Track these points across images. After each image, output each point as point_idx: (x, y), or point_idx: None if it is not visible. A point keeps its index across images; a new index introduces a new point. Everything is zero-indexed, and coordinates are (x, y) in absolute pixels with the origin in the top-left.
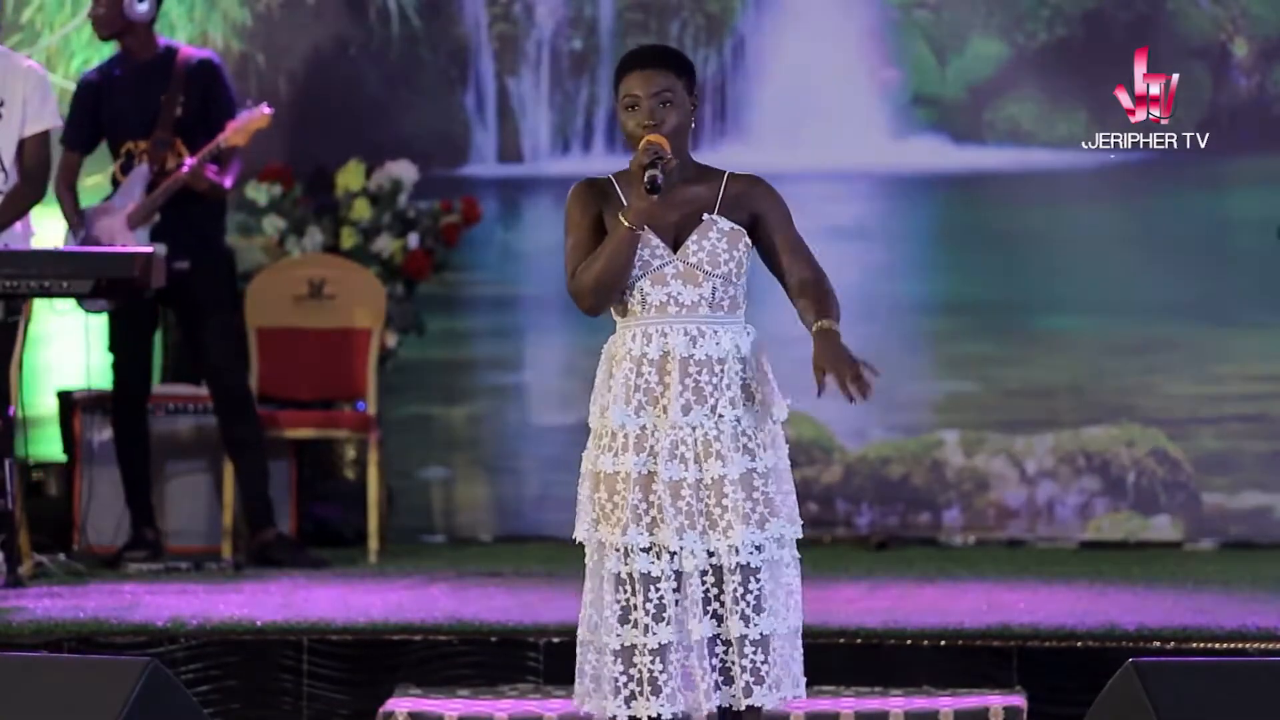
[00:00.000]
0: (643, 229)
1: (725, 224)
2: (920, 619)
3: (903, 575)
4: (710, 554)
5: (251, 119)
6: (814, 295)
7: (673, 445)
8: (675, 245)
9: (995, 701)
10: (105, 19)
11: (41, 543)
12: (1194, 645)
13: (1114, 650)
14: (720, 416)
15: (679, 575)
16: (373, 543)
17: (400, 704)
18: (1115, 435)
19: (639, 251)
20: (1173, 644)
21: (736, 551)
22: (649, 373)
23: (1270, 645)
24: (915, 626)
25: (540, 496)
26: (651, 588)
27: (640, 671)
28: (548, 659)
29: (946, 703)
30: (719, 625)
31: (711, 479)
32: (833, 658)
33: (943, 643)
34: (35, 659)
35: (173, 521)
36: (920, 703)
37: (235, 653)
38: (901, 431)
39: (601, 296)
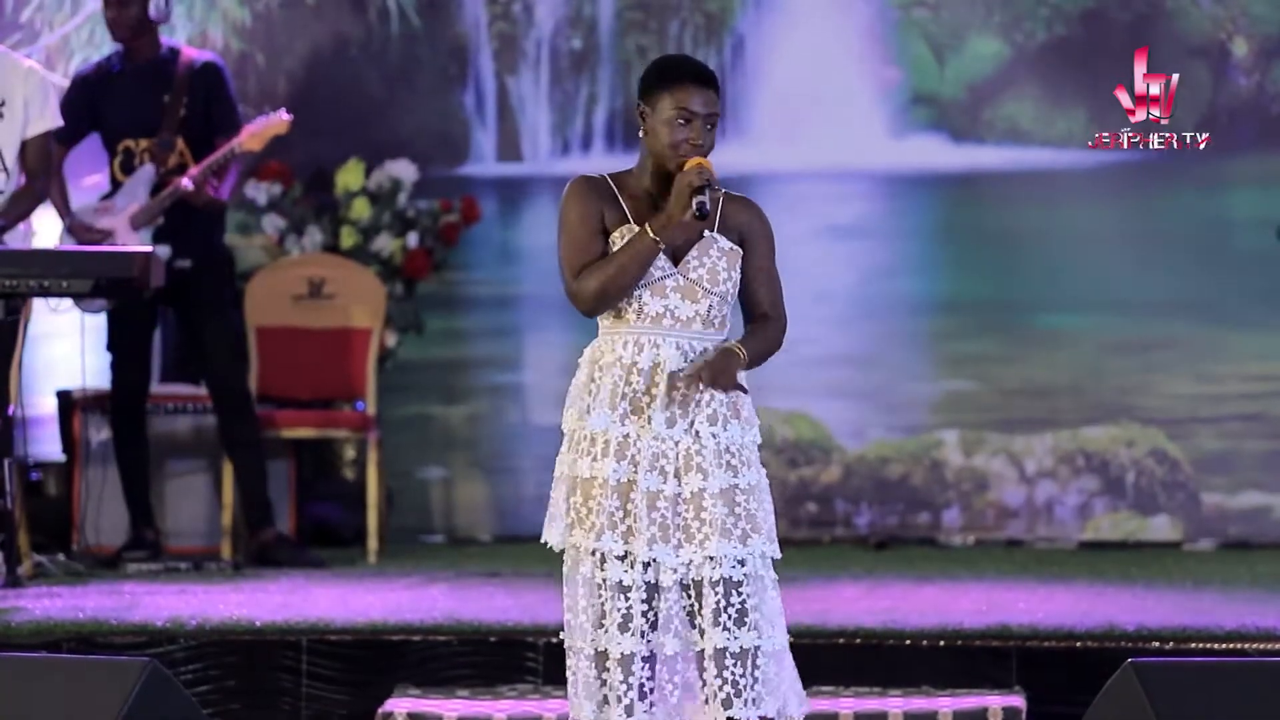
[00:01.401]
0: (667, 245)
1: (725, 243)
2: (920, 619)
3: (902, 575)
4: (687, 566)
5: (270, 125)
6: (756, 327)
7: (654, 456)
8: (675, 259)
9: (995, 702)
10: (126, 22)
11: (41, 543)
12: (1193, 645)
13: (1113, 650)
14: (698, 434)
15: (651, 587)
16: (372, 543)
17: (399, 704)
18: (1114, 435)
19: None
20: (1172, 644)
21: (717, 564)
22: (637, 381)
23: (1270, 645)
24: (915, 627)
25: (539, 496)
26: (622, 596)
27: (605, 678)
28: (547, 659)
29: (946, 703)
30: (700, 639)
31: (690, 493)
32: (832, 658)
33: (942, 643)
34: (35, 659)
35: (172, 521)
36: (920, 703)
37: (234, 653)
38: (901, 431)
39: (606, 301)
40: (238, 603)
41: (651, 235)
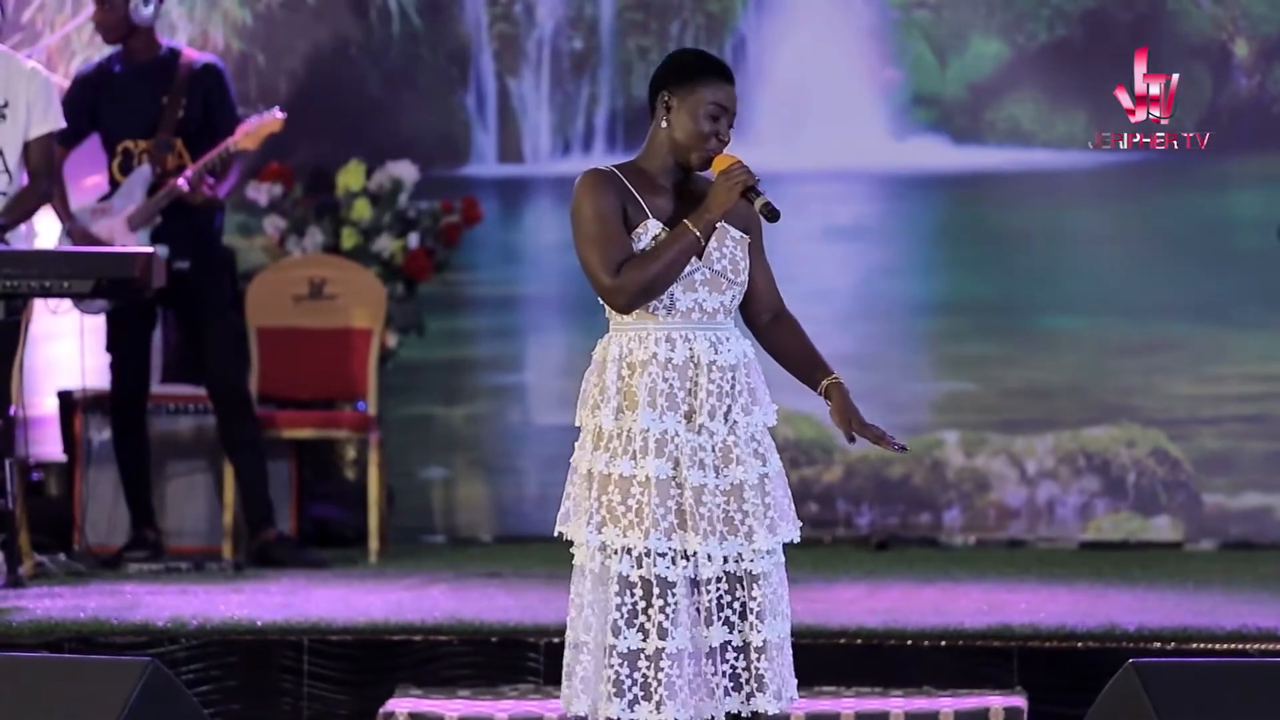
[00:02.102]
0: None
1: (735, 232)
2: (920, 619)
3: (903, 576)
4: (725, 559)
5: (264, 123)
6: (803, 339)
7: (693, 450)
8: (699, 251)
9: (996, 702)
10: (111, 24)
11: (41, 543)
12: (1194, 645)
13: (1114, 650)
14: (734, 423)
15: (692, 583)
16: (373, 543)
17: (400, 704)
18: (1115, 435)
19: None
20: (1173, 644)
21: (758, 557)
22: (672, 378)
23: (1270, 645)
24: (915, 627)
25: (540, 496)
26: (669, 593)
27: (647, 675)
28: (548, 659)
29: (947, 703)
30: (730, 632)
31: (731, 484)
32: (833, 658)
33: (943, 643)
34: (35, 659)
35: (173, 521)
36: (921, 703)
37: (235, 653)
38: (901, 431)
39: (647, 298)
40: (239, 603)
41: (695, 233)
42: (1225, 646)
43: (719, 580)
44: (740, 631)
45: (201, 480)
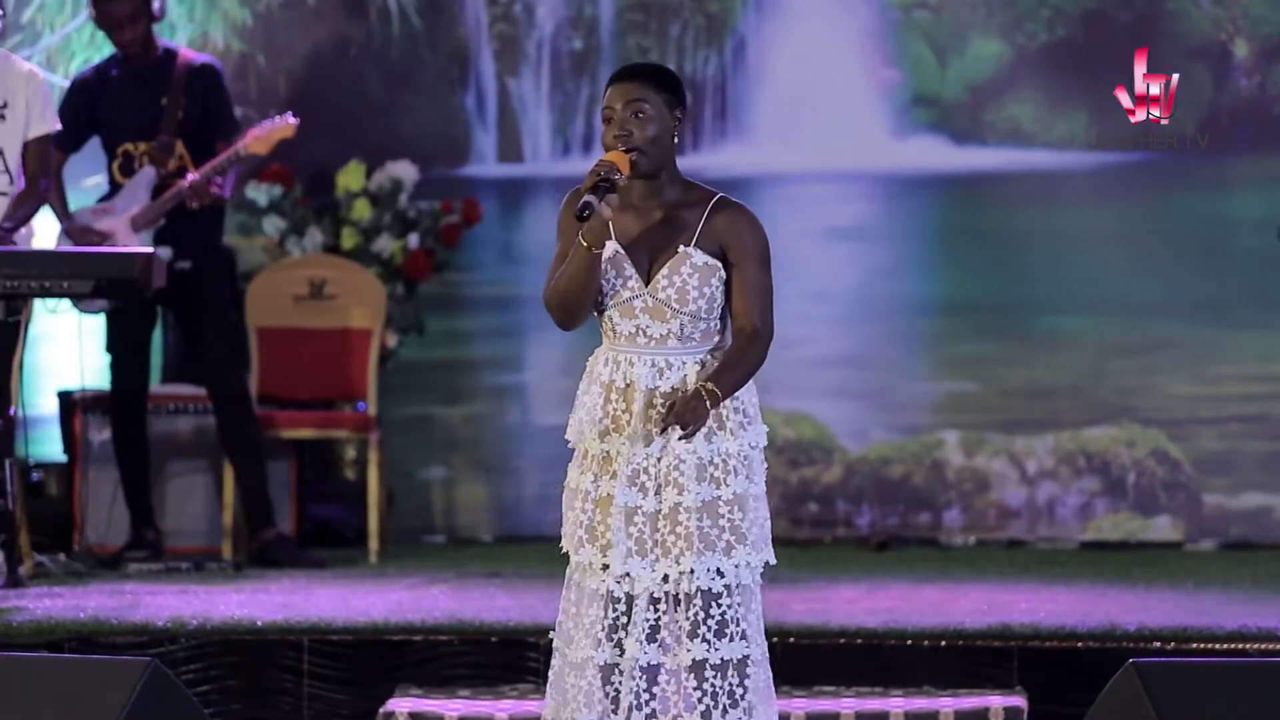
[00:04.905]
0: (601, 249)
1: (700, 258)
2: (921, 619)
3: (903, 576)
4: (666, 579)
5: (276, 128)
6: (730, 353)
7: (634, 473)
8: (647, 278)
9: (996, 702)
10: (136, 42)
11: (41, 543)
12: (1194, 645)
13: (1114, 650)
14: (676, 449)
15: (630, 599)
16: (373, 543)
17: (401, 704)
18: (1115, 435)
19: (612, 280)
20: (1173, 644)
21: (694, 578)
22: (615, 400)
23: (1270, 645)
24: (915, 627)
25: (540, 497)
26: (599, 606)
27: (580, 686)
28: (548, 659)
29: (947, 703)
30: (664, 654)
31: (668, 508)
32: (833, 658)
33: (943, 643)
34: (35, 659)
35: (173, 521)
36: (921, 703)
37: (235, 653)
38: (902, 432)
39: (565, 313)
40: (239, 603)
41: (583, 245)
42: (1225, 646)
43: (656, 602)
44: (674, 654)
45: (201, 480)
